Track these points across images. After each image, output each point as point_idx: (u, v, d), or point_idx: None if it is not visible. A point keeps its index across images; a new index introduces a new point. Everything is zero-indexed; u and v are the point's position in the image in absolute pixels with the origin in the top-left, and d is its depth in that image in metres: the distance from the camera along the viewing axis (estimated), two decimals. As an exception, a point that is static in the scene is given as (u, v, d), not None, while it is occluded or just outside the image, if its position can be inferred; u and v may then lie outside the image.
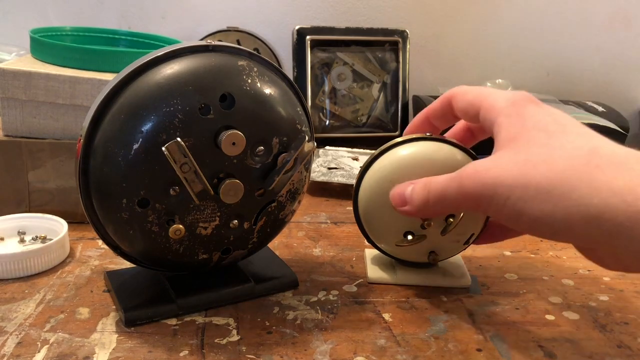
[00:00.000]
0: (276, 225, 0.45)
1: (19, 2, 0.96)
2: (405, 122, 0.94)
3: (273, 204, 0.43)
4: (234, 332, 0.40)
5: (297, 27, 0.91)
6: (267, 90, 0.40)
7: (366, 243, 0.51)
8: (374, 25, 0.94)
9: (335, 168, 0.75)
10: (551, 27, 1.06)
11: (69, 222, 0.53)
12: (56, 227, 0.53)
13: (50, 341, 0.38)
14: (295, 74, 0.91)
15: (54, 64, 0.57)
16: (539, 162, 0.32)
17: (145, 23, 0.97)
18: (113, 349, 0.38)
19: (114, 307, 0.43)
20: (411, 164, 0.43)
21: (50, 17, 0.97)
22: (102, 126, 0.37)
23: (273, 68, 0.42)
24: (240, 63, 0.40)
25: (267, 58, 0.43)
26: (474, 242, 0.47)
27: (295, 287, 0.47)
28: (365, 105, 0.93)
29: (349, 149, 0.83)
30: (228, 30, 0.93)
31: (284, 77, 0.43)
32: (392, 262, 0.50)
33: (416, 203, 0.39)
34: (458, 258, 0.52)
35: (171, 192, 0.38)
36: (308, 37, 0.90)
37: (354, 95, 0.93)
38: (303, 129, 0.42)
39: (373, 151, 0.46)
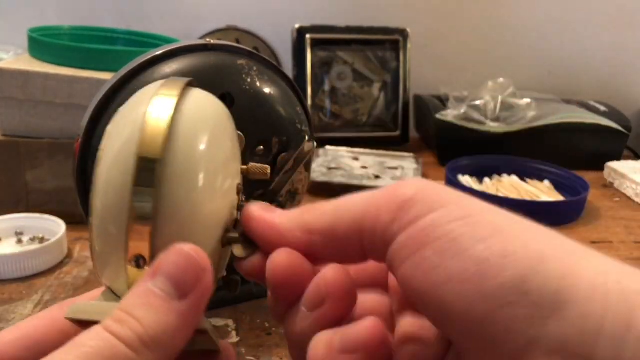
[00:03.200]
0: (276, 225, 0.44)
1: (17, 1, 0.96)
2: (406, 121, 0.94)
3: (273, 205, 0.43)
4: (234, 333, 0.40)
5: (297, 26, 0.90)
6: (267, 90, 0.40)
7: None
8: (374, 24, 0.94)
9: (336, 168, 0.75)
10: (553, 25, 1.06)
11: (67, 223, 0.53)
12: (54, 227, 0.53)
13: (48, 343, 0.38)
14: (295, 73, 0.90)
15: (52, 63, 0.57)
16: None
17: (143, 22, 0.97)
18: (111, 351, 0.37)
19: (112, 308, 0.43)
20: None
21: (48, 16, 0.96)
22: (101, 126, 0.37)
23: (273, 67, 0.42)
24: (239, 62, 0.39)
25: (267, 57, 0.42)
26: None
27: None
28: (366, 104, 0.93)
29: (349, 149, 0.83)
30: (227, 29, 0.93)
31: (283, 76, 0.43)
32: None
33: (292, 211, 0.24)
34: None
35: (170, 192, 0.38)
36: (308, 35, 0.89)
37: (355, 94, 0.92)
38: (303, 128, 0.42)
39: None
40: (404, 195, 0.20)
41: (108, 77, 0.39)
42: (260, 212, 0.23)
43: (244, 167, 0.24)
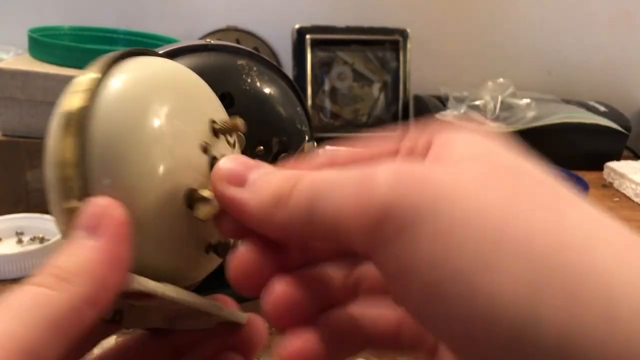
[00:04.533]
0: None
1: (17, 1, 0.96)
2: (406, 121, 0.94)
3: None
4: (234, 333, 0.40)
5: (297, 26, 0.90)
6: (267, 90, 0.40)
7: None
8: (374, 24, 0.94)
9: (336, 168, 0.75)
10: (553, 26, 1.06)
11: (67, 223, 0.53)
12: (54, 227, 0.53)
13: (48, 343, 0.38)
14: (295, 73, 0.90)
15: (52, 64, 0.57)
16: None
17: (144, 22, 0.97)
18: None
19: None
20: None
21: (48, 16, 0.96)
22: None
23: (273, 67, 0.42)
24: (239, 62, 0.39)
25: (267, 57, 0.42)
26: None
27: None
28: (366, 104, 0.93)
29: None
30: (227, 29, 0.93)
31: (283, 76, 0.43)
32: None
33: (264, 195, 0.20)
34: None
35: (170, 192, 0.38)
36: (308, 36, 0.89)
37: (355, 94, 0.93)
38: (303, 128, 0.42)
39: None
40: (377, 202, 0.17)
41: (108, 77, 0.39)
42: (230, 190, 0.21)
43: (217, 125, 0.24)
